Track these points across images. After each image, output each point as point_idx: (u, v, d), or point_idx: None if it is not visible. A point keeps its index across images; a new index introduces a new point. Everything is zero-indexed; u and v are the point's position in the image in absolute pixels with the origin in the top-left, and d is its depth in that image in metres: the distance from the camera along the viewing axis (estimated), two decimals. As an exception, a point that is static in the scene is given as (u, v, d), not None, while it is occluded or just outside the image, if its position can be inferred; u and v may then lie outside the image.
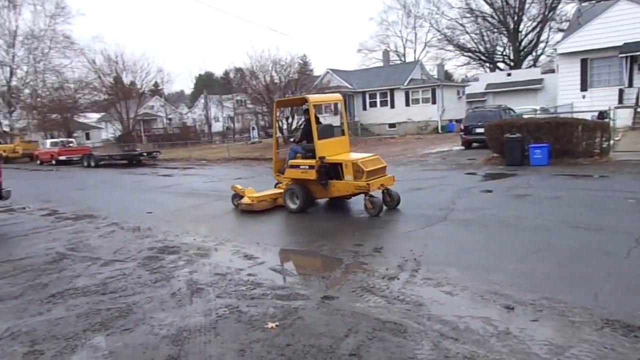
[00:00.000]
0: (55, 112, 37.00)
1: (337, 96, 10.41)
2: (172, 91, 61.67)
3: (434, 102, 33.35)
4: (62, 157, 26.72)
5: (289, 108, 26.62)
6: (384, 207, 7.77)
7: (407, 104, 34.47)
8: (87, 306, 4.22)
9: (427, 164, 14.77)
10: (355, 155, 8.38)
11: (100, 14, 71.21)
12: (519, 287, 4.09)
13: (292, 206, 8.31)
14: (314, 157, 8.17)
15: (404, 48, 61.39)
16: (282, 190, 8.73)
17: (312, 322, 3.63)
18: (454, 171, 12.67)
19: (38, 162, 28.64)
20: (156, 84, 45.99)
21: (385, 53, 46.80)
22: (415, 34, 60.52)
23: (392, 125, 35.07)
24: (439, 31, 56.24)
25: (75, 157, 26.34)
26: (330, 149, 8.38)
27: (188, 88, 75.89)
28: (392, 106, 35.15)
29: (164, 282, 4.79)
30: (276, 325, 3.58)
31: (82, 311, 4.11)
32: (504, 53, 54.41)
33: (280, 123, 27.06)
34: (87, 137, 50.20)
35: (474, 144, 18.33)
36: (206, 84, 58.74)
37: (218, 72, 63.14)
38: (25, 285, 4.95)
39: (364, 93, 36.25)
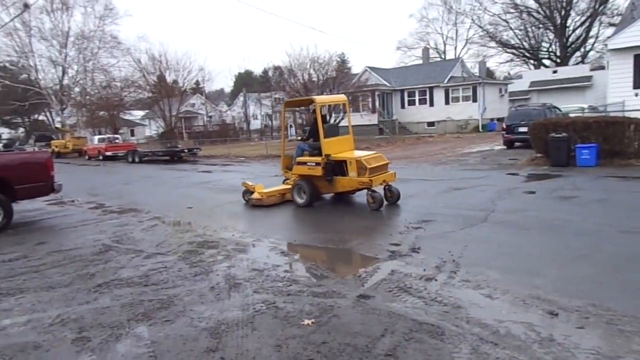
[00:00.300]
0: (102, 109, 38.63)
1: (342, 97, 11.10)
2: (212, 89, 62.96)
3: (474, 100, 32.59)
4: (109, 153, 27.85)
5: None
6: (385, 202, 8.27)
7: (447, 102, 33.83)
8: (130, 297, 4.38)
9: (467, 164, 14.45)
10: (359, 153, 8.85)
11: (145, 14, 73.70)
12: (564, 292, 3.94)
13: (300, 201, 8.81)
14: (320, 154, 8.64)
15: (444, 45, 60.27)
16: (289, 186, 9.24)
17: (348, 320, 3.63)
18: (494, 171, 12.34)
19: (86, 157, 29.97)
20: (197, 83, 47.07)
21: (425, 50, 46.08)
22: (456, 31, 59.20)
23: (430, 124, 34.53)
24: (481, 27, 54.75)
25: (121, 153, 27.38)
26: (336, 147, 8.85)
27: (228, 86, 77.30)
28: (431, 104, 34.60)
29: (203, 276, 4.90)
30: (312, 322, 3.60)
31: (126, 301, 4.27)
32: (550, 49, 52.32)
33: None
34: (132, 133, 52.19)
35: (517, 144, 17.81)
36: (245, 82, 59.65)
37: (257, 71, 63.92)
38: (74, 274, 5.19)
39: (402, 91, 35.84)
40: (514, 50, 54.55)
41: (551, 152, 12.27)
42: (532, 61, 54.50)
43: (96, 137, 31.88)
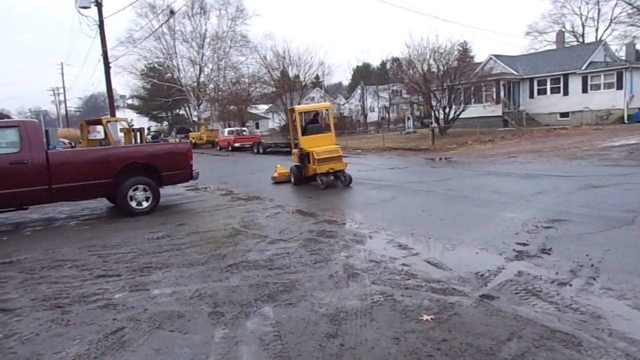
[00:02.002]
0: (232, 104, 41.91)
1: (325, 104, 14.45)
2: (331, 83, 64.38)
3: (619, 88, 28.71)
4: (237, 144, 30.18)
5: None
6: (339, 185, 11.11)
7: (584, 91, 30.30)
8: (257, 278, 4.72)
9: (608, 159, 12.85)
10: (320, 148, 11.23)
11: (272, 13, 77.83)
12: None
13: (292, 180, 12.21)
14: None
15: (583, 27, 53.81)
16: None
17: (470, 320, 3.49)
18: (645, 168, 10.80)
19: (218, 148, 32.82)
20: (317, 77, 48.54)
21: (560, 34, 41.73)
22: (599, 10, 52.30)
23: (564, 115, 31.27)
24: (630, 4, 47.70)
25: (247, 145, 29.49)
26: (313, 143, 11.40)
27: (346, 79, 78.37)
28: (565, 93, 31.28)
29: (322, 264, 5.08)
30: (431, 319, 3.53)
31: (253, 282, 4.60)
32: None
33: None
34: (257, 126, 55.76)
35: (674, 136, 15.36)
36: (363, 75, 59.93)
37: (375, 63, 63.78)
38: (209, 254, 5.74)
39: (531, 79, 32.96)
40: (673, 28, 46.77)
41: None
42: (697, 39, 46.24)
43: (226, 130, 34.74)
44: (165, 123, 68.39)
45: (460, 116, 28.24)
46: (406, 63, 31.29)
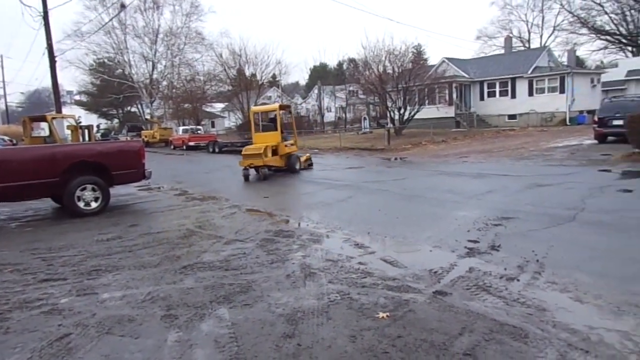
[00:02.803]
0: (187, 102, 40.96)
1: (273, 106, 16.12)
2: (288, 82, 64.17)
3: (562, 92, 30.34)
4: (191, 143, 29.50)
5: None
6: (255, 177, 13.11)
7: (531, 94, 31.81)
8: (212, 280, 4.63)
9: (552, 159, 13.54)
10: (251, 145, 13.90)
11: (228, 10, 76.62)
12: (667, 302, 3.58)
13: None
14: None
15: (529, 33, 56.54)
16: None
17: (424, 316, 3.57)
18: (584, 167, 11.46)
19: (172, 147, 31.96)
20: (274, 76, 48.21)
21: (508, 39, 43.54)
22: (543, 18, 55.10)
23: (512, 117, 32.70)
24: (571, 13, 50.58)
25: (202, 144, 28.91)
26: (258, 140, 13.97)
27: (303, 79, 78.31)
28: (513, 96, 32.72)
29: (279, 264, 5.05)
30: (387, 316, 3.58)
31: (209, 284, 4.51)
32: (653, 34, 47.30)
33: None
34: (212, 125, 54.77)
35: (610, 138, 16.41)
36: (320, 75, 60.11)
37: (332, 64, 64.10)
38: (162, 256, 5.57)
39: (481, 82, 34.23)
40: (608, 37, 49.91)
41: (652, 147, 11.15)
42: (629, 48, 49.59)
43: (181, 128, 33.92)
44: (116, 121, 65.87)
45: (415, 117, 28.90)
46: (362, 64, 31.70)
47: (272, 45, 77.99)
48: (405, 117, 28.59)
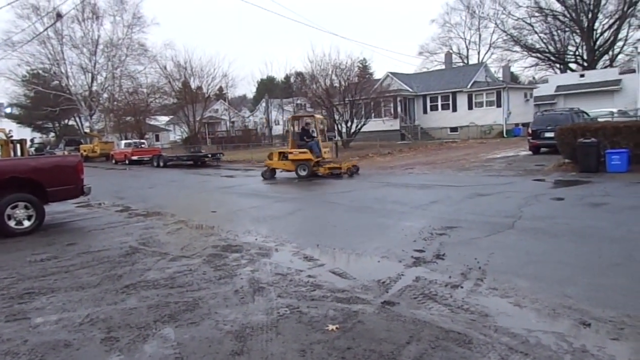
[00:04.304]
0: (129, 115, 39.55)
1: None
2: (235, 95, 63.69)
3: (498, 106, 32.12)
4: (135, 157, 28.42)
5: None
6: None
7: (470, 108, 33.42)
8: (157, 298, 4.44)
9: (492, 170, 14.23)
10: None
11: (172, 22, 75.03)
12: (596, 302, 3.82)
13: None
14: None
15: (467, 50, 59.64)
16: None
17: (373, 327, 3.60)
18: (520, 177, 12.12)
19: (113, 161, 30.65)
20: (221, 89, 47.75)
21: (448, 55, 45.69)
22: (480, 35, 58.39)
23: (453, 129, 34.15)
24: (504, 32, 54.02)
25: (146, 158, 27.92)
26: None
27: (250, 92, 78.04)
28: (454, 110, 34.23)
29: (227, 280, 4.93)
30: (336, 328, 3.58)
31: (153, 303, 4.32)
32: (577, 53, 51.25)
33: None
34: (157, 138, 53.14)
35: (543, 149, 17.48)
36: (268, 88, 60.14)
37: (279, 77, 64.32)
38: (103, 275, 5.29)
39: (424, 96, 35.58)
40: (539, 54, 53.63)
41: (580, 157, 11.99)
42: (558, 65, 53.48)
43: (123, 142, 32.64)
44: (52, 134, 62.39)
45: (362, 130, 29.50)
46: (309, 77, 32.12)
47: (218, 58, 77.16)
48: (353, 130, 29.11)
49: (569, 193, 9.38)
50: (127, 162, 28.84)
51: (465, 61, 56.46)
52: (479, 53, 58.41)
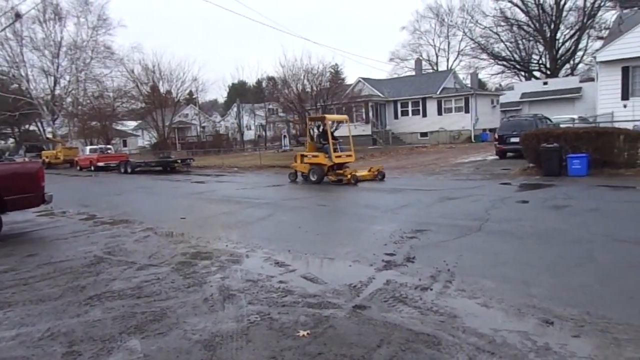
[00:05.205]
0: (94, 119, 38.45)
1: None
2: (206, 100, 62.93)
3: (467, 111, 32.86)
4: (101, 164, 27.65)
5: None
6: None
7: (440, 113, 34.08)
8: (123, 309, 4.31)
9: (460, 174, 14.52)
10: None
11: (139, 25, 73.54)
12: (559, 301, 3.94)
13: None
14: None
15: (437, 57, 60.92)
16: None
17: (344, 331, 3.59)
18: (488, 181, 12.41)
19: (78, 168, 29.73)
20: (191, 93, 47.12)
21: (418, 62, 46.50)
22: (449, 43, 59.79)
23: (424, 134, 34.73)
24: (472, 40, 55.58)
25: (113, 164, 27.22)
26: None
27: (221, 97, 77.36)
28: (424, 115, 34.83)
29: (196, 288, 4.84)
30: (308, 334, 3.56)
31: (118, 314, 4.20)
32: (540, 61, 53.18)
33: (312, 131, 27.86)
34: (124, 144, 51.87)
35: (509, 154, 17.96)
36: (239, 93, 59.70)
37: (251, 81, 63.99)
38: (65, 287, 5.10)
39: (395, 102, 36.07)
40: (505, 62, 55.31)
41: (543, 162, 12.37)
42: (523, 73, 55.26)
43: (88, 148, 31.69)
44: (11, 140, 60.01)
45: (334, 135, 29.59)
46: (281, 82, 32.08)
47: (188, 62, 76.06)
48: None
49: (533, 196, 9.65)
50: (92, 168, 28.04)
51: (435, 68, 57.65)
52: (447, 60, 59.82)
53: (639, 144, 11.81)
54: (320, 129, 16.01)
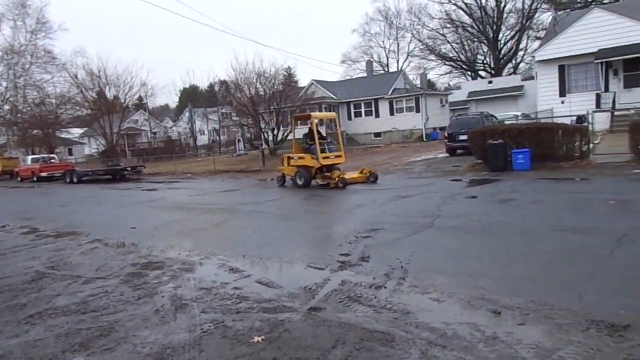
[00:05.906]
0: (36, 128, 36.47)
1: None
2: (156, 105, 61.20)
3: (417, 111, 33.66)
4: (44, 174, 26.28)
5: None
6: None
7: (392, 113, 34.73)
8: (66, 326, 4.10)
9: (413, 172, 14.85)
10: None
11: (82, 28, 70.45)
12: (506, 291, 4.09)
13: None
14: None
15: (387, 58, 62.10)
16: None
17: (299, 334, 3.57)
18: (439, 178, 12.75)
19: (19, 179, 28.13)
20: (140, 98, 45.64)
21: (369, 64, 47.21)
22: (398, 44, 61.11)
23: (377, 135, 35.27)
24: (420, 41, 57.05)
25: (58, 174, 25.95)
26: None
27: (173, 102, 75.42)
28: (377, 115, 35.38)
29: (147, 299, 4.68)
30: (262, 339, 3.51)
31: (62, 331, 3.98)
32: (485, 61, 55.37)
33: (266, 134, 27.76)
34: (70, 152, 49.44)
35: (458, 151, 18.52)
36: (191, 97, 58.41)
37: (203, 85, 62.68)
38: (2, 306, 4.80)
39: (348, 103, 36.44)
40: (452, 63, 57.17)
41: (490, 157, 12.85)
42: (469, 72, 57.33)
43: (29, 158, 30.06)
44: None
45: (289, 137, 29.54)
46: (234, 86, 31.65)
47: (135, 66, 73.11)
48: (279, 138, 29.08)
49: (481, 191, 10.01)
50: (35, 179, 26.60)
51: (386, 69, 58.73)
52: (397, 61, 61.10)
53: (576, 138, 12.49)
54: (308, 129, 14.27)
